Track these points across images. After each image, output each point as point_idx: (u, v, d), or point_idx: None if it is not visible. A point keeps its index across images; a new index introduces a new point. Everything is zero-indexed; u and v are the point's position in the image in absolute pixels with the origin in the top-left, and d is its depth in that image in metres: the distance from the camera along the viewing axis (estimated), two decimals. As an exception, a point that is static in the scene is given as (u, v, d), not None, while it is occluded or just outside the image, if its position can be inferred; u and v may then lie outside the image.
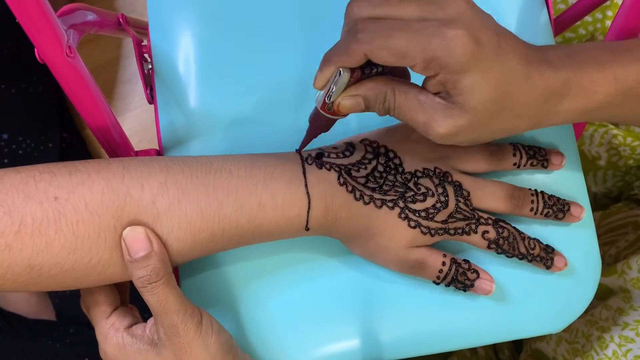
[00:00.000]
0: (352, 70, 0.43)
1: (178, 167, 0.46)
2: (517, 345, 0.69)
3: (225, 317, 0.53)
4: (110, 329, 0.47)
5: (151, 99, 0.56)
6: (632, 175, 0.71)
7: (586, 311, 0.60)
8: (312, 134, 0.48)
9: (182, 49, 0.56)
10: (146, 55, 0.56)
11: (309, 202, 0.47)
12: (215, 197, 0.46)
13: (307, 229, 0.48)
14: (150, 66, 0.55)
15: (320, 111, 0.46)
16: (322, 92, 0.45)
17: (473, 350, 0.69)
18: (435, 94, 0.43)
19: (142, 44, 0.55)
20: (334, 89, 0.44)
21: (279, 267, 0.53)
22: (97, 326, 0.48)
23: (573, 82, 0.44)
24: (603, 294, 0.61)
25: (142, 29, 0.58)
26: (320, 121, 0.47)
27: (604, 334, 0.55)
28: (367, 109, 0.45)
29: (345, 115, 0.46)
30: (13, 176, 0.43)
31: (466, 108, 0.42)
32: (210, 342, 0.46)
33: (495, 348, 0.69)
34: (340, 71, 0.43)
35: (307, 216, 0.47)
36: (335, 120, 0.47)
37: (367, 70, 0.44)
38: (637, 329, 0.54)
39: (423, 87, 0.44)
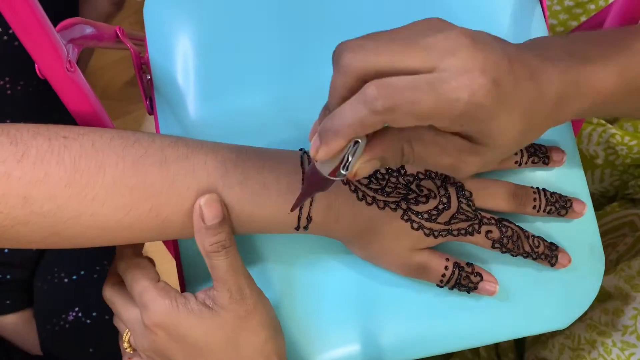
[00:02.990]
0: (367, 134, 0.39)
1: (188, 138, 0.47)
2: (520, 349, 0.69)
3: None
4: (161, 291, 0.46)
5: (151, 110, 0.56)
6: (629, 175, 0.71)
7: (585, 315, 0.60)
8: (308, 193, 0.42)
9: (180, 61, 0.56)
10: (145, 67, 0.56)
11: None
12: (222, 163, 0.46)
13: (308, 219, 0.47)
14: (149, 77, 0.56)
15: (329, 177, 0.40)
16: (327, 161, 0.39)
17: (475, 352, 0.69)
18: (453, 133, 0.40)
19: (141, 55, 0.55)
20: (350, 160, 0.39)
21: (279, 269, 0.53)
22: (146, 291, 0.47)
23: (580, 82, 0.42)
24: (601, 296, 0.61)
25: (140, 40, 0.58)
26: (322, 183, 0.41)
27: (605, 340, 0.55)
28: (383, 166, 0.41)
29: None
30: (28, 124, 0.43)
31: (494, 146, 0.40)
32: (269, 308, 0.47)
33: (497, 351, 0.69)
34: (357, 141, 0.38)
35: (310, 207, 0.47)
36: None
37: None
38: (637, 331, 0.54)
39: (435, 128, 0.39)
